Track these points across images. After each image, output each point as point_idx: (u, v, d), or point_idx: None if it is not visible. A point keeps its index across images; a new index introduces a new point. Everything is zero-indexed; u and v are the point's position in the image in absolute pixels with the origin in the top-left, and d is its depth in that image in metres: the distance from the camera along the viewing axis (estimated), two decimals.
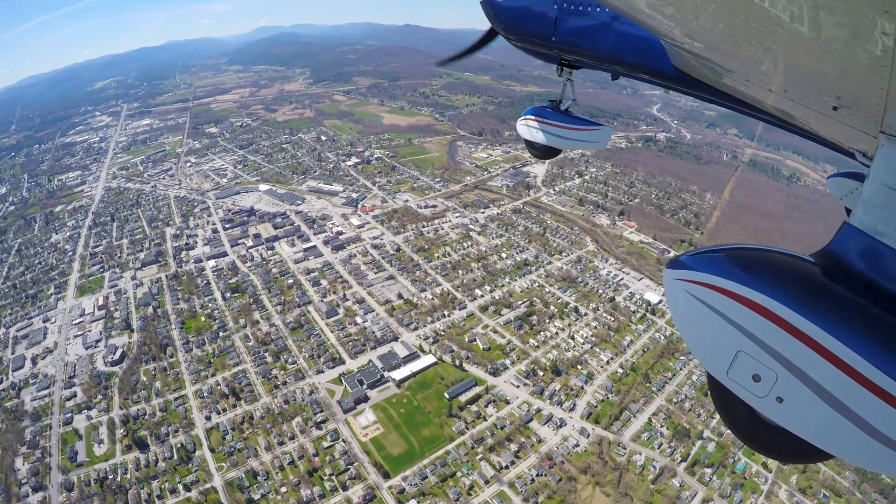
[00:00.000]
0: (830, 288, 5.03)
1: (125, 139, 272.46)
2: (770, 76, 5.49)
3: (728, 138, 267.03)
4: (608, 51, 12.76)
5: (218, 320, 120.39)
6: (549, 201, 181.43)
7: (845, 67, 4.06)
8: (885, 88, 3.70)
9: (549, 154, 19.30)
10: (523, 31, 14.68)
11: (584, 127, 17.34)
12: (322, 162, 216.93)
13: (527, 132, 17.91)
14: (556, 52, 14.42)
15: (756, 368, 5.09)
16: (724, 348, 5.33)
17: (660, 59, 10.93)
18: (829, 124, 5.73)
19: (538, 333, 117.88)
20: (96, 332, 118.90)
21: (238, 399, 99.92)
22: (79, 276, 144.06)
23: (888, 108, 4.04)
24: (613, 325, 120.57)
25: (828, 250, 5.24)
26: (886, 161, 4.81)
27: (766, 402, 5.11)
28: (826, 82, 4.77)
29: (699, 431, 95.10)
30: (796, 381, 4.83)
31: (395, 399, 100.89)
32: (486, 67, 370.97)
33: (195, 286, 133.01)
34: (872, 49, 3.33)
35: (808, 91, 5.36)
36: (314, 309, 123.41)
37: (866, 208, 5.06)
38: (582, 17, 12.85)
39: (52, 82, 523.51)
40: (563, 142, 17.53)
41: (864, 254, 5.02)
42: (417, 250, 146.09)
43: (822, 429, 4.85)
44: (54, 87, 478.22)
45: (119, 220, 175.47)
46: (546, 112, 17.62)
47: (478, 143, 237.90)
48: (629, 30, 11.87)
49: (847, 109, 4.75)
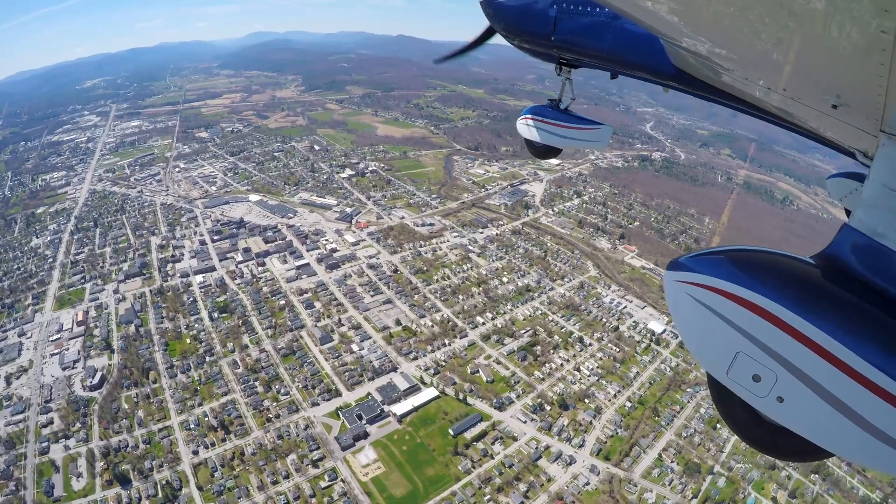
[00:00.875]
0: (830, 290, 4.95)
1: (113, 140, 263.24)
2: (769, 75, 5.40)
3: (721, 159, 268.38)
4: (607, 50, 12.57)
5: (204, 343, 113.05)
6: (549, 222, 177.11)
7: (845, 66, 3.92)
8: (884, 87, 3.63)
9: (548, 153, 18.94)
10: (522, 31, 14.53)
11: (583, 126, 16.92)
12: (315, 173, 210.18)
13: (526, 131, 17.52)
14: (555, 51, 14.24)
15: (756, 369, 5.00)
16: (723, 349, 5.22)
17: (659, 57, 10.64)
18: (828, 123, 5.66)
19: (543, 365, 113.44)
20: (74, 352, 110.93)
21: (228, 432, 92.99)
22: (58, 287, 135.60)
23: (888, 108, 3.98)
24: (619, 355, 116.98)
25: (827, 252, 5.19)
26: (887, 161, 4.75)
27: (766, 401, 5.02)
28: (826, 81, 4.64)
29: (709, 467, 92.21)
30: (796, 382, 4.75)
31: (396, 435, 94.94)
32: (481, 81, 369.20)
33: (181, 303, 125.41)
34: (872, 48, 3.28)
35: (807, 90, 5.24)
36: (307, 334, 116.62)
37: (866, 209, 5.01)
38: (581, 17, 12.67)
39: (42, 79, 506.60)
40: (563, 140, 17.11)
41: (863, 255, 4.95)
42: (415, 272, 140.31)
43: (822, 428, 4.78)
44: (44, 83, 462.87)
45: (102, 227, 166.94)
46: (546, 111, 17.22)
47: (474, 158, 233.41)
48: (628, 29, 11.66)
49: (847, 108, 4.67)
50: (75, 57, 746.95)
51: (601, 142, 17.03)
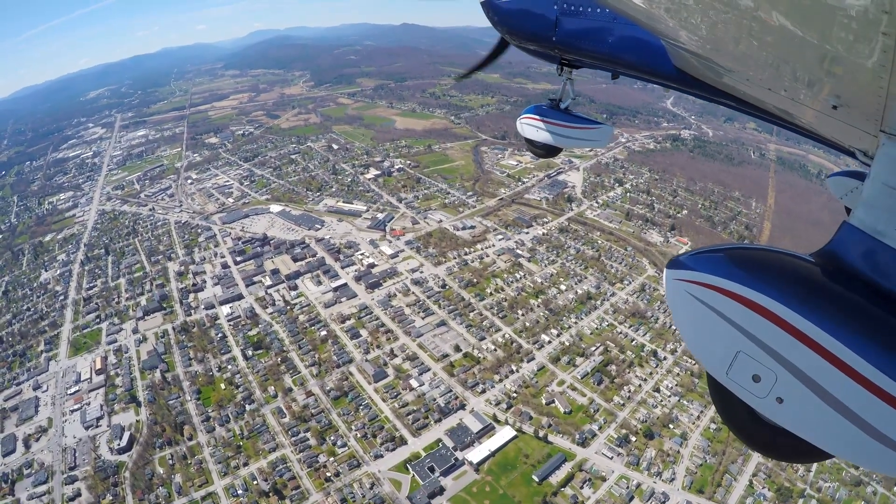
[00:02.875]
0: (830, 288, 4.79)
1: (120, 153, 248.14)
2: (770, 76, 5.28)
3: (748, 133, 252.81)
4: (609, 51, 11.78)
5: (242, 388, 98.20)
6: (595, 216, 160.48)
7: (845, 67, 3.87)
8: (885, 88, 3.57)
9: (549, 153, 17.58)
10: (523, 32, 13.68)
11: (584, 125, 15.87)
12: (338, 175, 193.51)
13: (527, 131, 16.45)
14: (556, 52, 13.34)
15: (756, 369, 4.82)
16: (723, 348, 5.02)
17: (660, 58, 9.93)
18: (829, 123, 5.53)
19: (621, 388, 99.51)
20: (96, 406, 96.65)
21: (281, 497, 78.84)
22: (72, 328, 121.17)
23: (888, 108, 3.92)
24: (695, 368, 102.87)
25: (827, 250, 5.02)
26: (887, 160, 4.64)
27: (765, 402, 4.83)
28: (826, 82, 4.48)
29: (801, 490, 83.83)
30: (796, 382, 4.60)
31: (475, 487, 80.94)
32: (495, 66, 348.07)
33: (209, 341, 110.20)
34: (873, 49, 3.24)
35: (808, 90, 5.00)
36: (357, 370, 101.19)
37: (866, 208, 4.86)
38: (582, 18, 11.88)
39: (45, 94, 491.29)
40: (564, 140, 16.04)
41: (864, 253, 4.80)
42: (465, 285, 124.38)
43: (822, 429, 4.62)
44: (47, 98, 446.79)
45: (114, 254, 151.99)
46: (546, 111, 16.10)
47: (503, 149, 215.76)
48: (629, 30, 10.89)
49: (847, 109, 4.59)
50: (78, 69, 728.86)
51: (601, 141, 16.08)
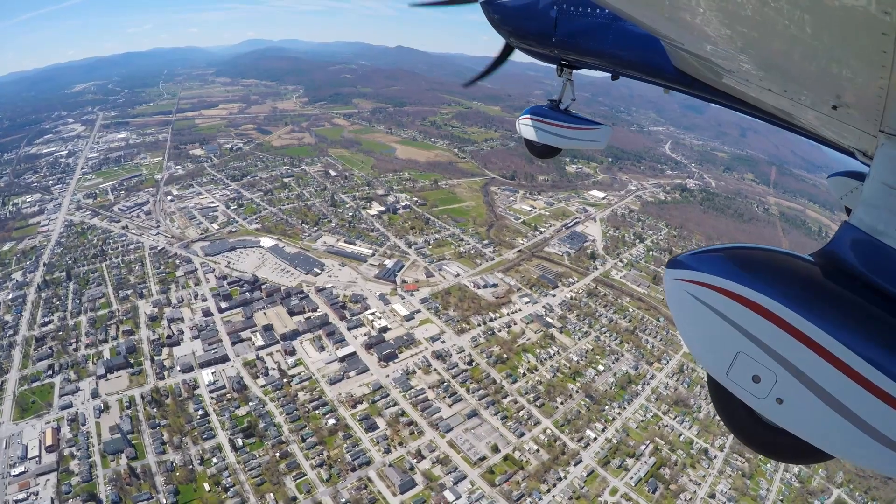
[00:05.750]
0: (830, 288, 4.69)
1: (96, 155, 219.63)
2: (770, 76, 5.24)
3: (747, 184, 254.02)
4: (608, 51, 11.86)
5: (231, 491, 74.48)
6: (622, 278, 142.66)
7: (845, 68, 3.84)
8: (884, 88, 3.56)
9: (548, 153, 17.36)
10: (523, 32, 13.72)
11: (583, 126, 15.72)
12: (337, 207, 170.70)
13: (526, 131, 16.22)
14: (556, 52, 13.40)
15: (756, 369, 4.74)
16: (723, 349, 4.93)
17: (660, 59, 10.07)
18: (828, 124, 5.48)
19: (677, 496, 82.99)
20: (47, 499, 71.71)
21: None
22: (19, 378, 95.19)
23: (887, 108, 3.89)
24: (745, 468, 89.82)
25: (827, 250, 4.95)
26: (886, 160, 4.61)
27: (765, 403, 4.75)
28: (826, 82, 4.46)
29: None
30: (796, 382, 4.52)
31: None
32: (495, 97, 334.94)
33: (186, 419, 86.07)
34: (873, 50, 3.21)
35: (807, 91, 5.02)
36: (378, 475, 78.55)
37: (866, 207, 4.81)
38: (582, 18, 11.87)
39: (31, 81, 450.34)
40: (563, 140, 15.84)
41: (863, 253, 4.74)
42: (495, 362, 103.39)
43: (821, 429, 4.55)
44: (32, 86, 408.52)
45: (77, 280, 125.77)
46: (546, 111, 16.01)
47: (514, 190, 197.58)
48: (629, 30, 10.94)
49: (847, 109, 4.53)
50: (67, 59, 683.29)
51: (600, 142, 15.80)
